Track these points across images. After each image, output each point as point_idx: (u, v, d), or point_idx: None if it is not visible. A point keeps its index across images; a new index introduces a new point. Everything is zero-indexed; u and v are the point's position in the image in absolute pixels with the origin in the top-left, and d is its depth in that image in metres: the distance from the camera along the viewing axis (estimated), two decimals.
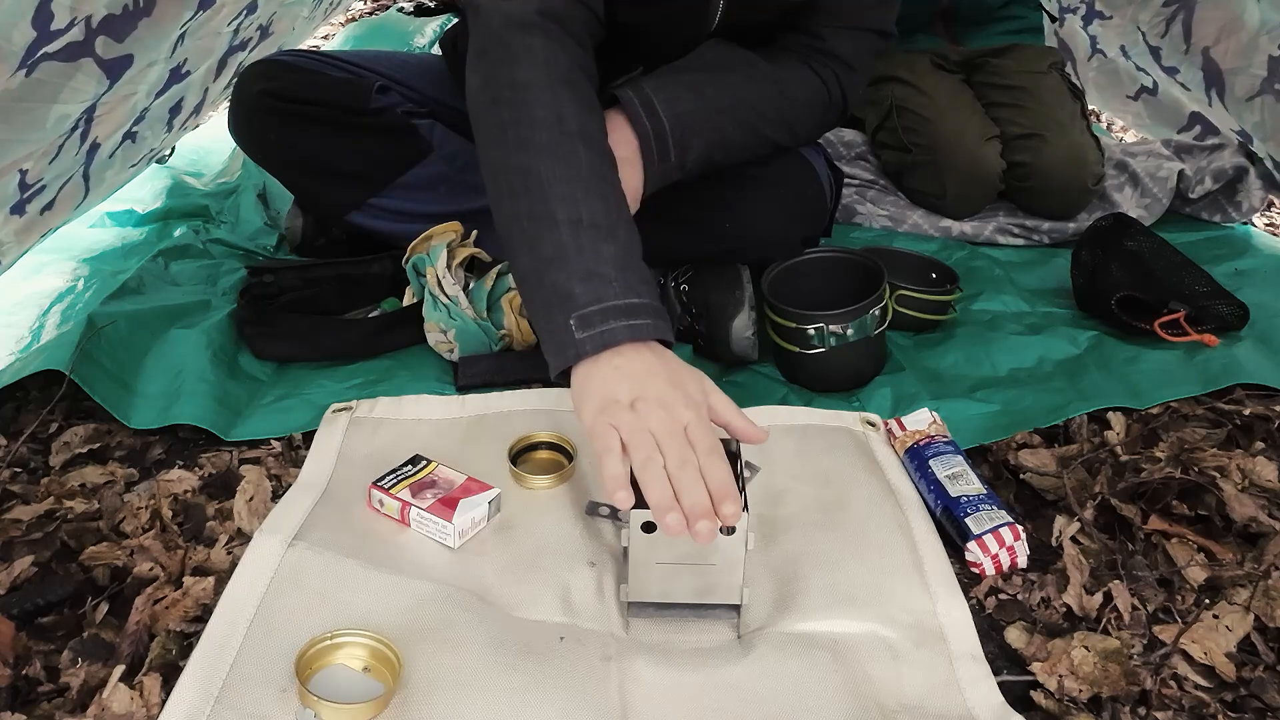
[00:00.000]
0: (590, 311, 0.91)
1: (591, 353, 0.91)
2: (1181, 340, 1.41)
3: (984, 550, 0.99)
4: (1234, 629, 0.93)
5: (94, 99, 1.19)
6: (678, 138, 1.19)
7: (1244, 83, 1.77)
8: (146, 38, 1.21)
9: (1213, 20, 1.81)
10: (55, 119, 1.14)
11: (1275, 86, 1.70)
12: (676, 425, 0.86)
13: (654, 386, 0.89)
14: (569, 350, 0.92)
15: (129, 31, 1.17)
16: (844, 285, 1.33)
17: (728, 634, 0.90)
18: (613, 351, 0.91)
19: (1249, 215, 1.87)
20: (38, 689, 0.84)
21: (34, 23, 1.01)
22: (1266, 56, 1.70)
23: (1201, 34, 1.84)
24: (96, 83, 1.17)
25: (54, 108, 1.14)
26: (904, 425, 1.16)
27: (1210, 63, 1.83)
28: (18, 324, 1.37)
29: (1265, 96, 1.73)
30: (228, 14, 1.48)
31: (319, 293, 1.41)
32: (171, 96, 1.51)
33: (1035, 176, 1.80)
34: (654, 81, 1.20)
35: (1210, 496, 1.08)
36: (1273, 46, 1.68)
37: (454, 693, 0.81)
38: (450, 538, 0.98)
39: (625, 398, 0.88)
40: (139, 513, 1.04)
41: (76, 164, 1.33)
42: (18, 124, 1.10)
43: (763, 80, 1.28)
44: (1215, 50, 1.81)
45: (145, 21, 1.18)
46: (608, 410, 0.88)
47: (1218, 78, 1.83)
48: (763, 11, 1.27)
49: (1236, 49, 1.77)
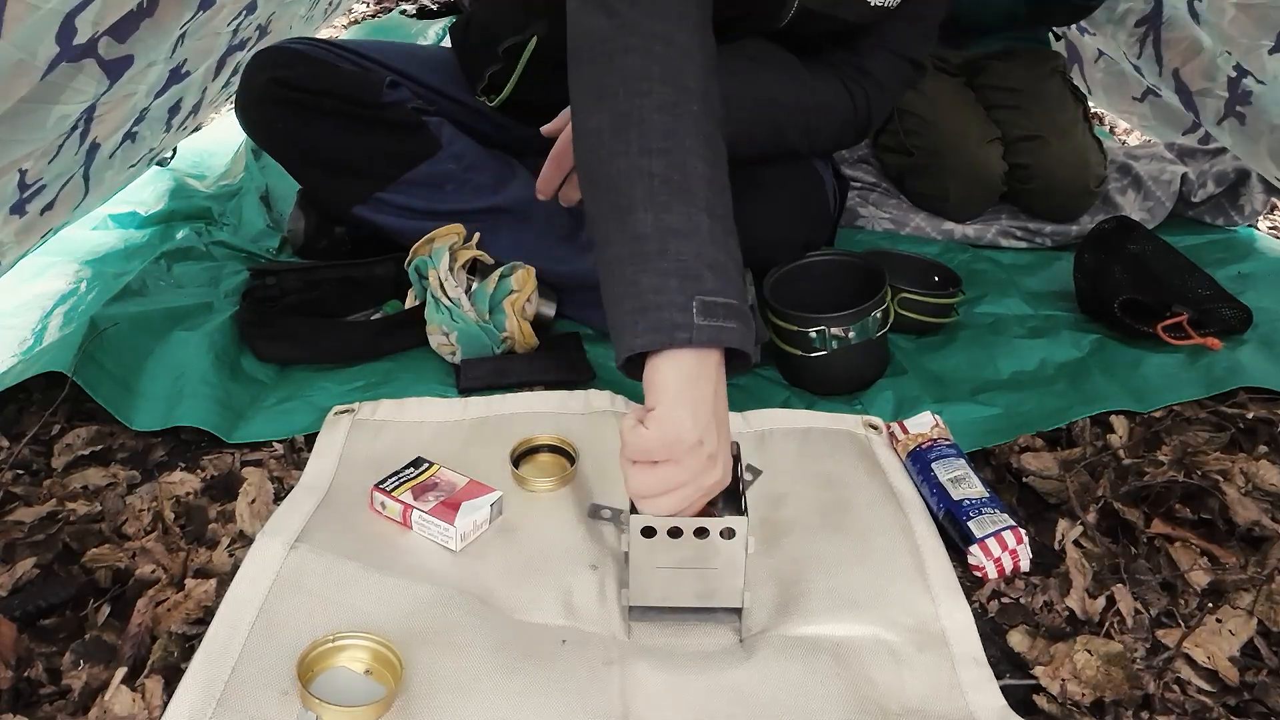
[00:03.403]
0: (715, 302, 0.84)
1: (700, 344, 0.84)
2: (1184, 343, 1.40)
3: (986, 554, 0.99)
4: (1237, 633, 0.93)
5: (94, 99, 1.20)
6: None
7: (1212, 105, 1.77)
8: (148, 38, 1.21)
9: (1177, 41, 1.81)
10: (55, 119, 1.15)
11: (1237, 109, 1.70)
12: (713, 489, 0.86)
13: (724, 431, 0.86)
14: (679, 332, 0.83)
15: (131, 32, 1.17)
16: (846, 288, 1.33)
17: (729, 638, 0.90)
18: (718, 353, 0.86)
19: (1251, 218, 1.87)
20: (39, 691, 0.84)
21: (58, 38, 1.02)
22: (1226, 78, 1.70)
23: (1170, 55, 1.84)
24: (97, 83, 1.17)
25: (55, 108, 1.14)
26: (906, 428, 1.15)
27: (1182, 84, 1.83)
28: (20, 326, 1.37)
29: (1231, 119, 1.73)
30: (228, 14, 1.48)
31: (321, 295, 1.41)
32: (171, 97, 1.51)
33: (1037, 178, 1.80)
34: None
35: (1213, 500, 1.08)
36: (1228, 68, 1.68)
37: (455, 695, 0.81)
38: (452, 540, 0.98)
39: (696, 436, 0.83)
40: (141, 515, 1.04)
41: (76, 164, 1.33)
42: (19, 124, 1.11)
43: (797, 85, 1.28)
44: (1184, 72, 1.82)
45: (147, 22, 1.19)
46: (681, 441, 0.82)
47: (1190, 99, 1.83)
48: (828, 23, 1.28)
49: (1200, 70, 1.77)
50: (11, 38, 0.96)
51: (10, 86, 1.02)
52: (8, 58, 0.98)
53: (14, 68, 1.00)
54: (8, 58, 0.98)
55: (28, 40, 0.99)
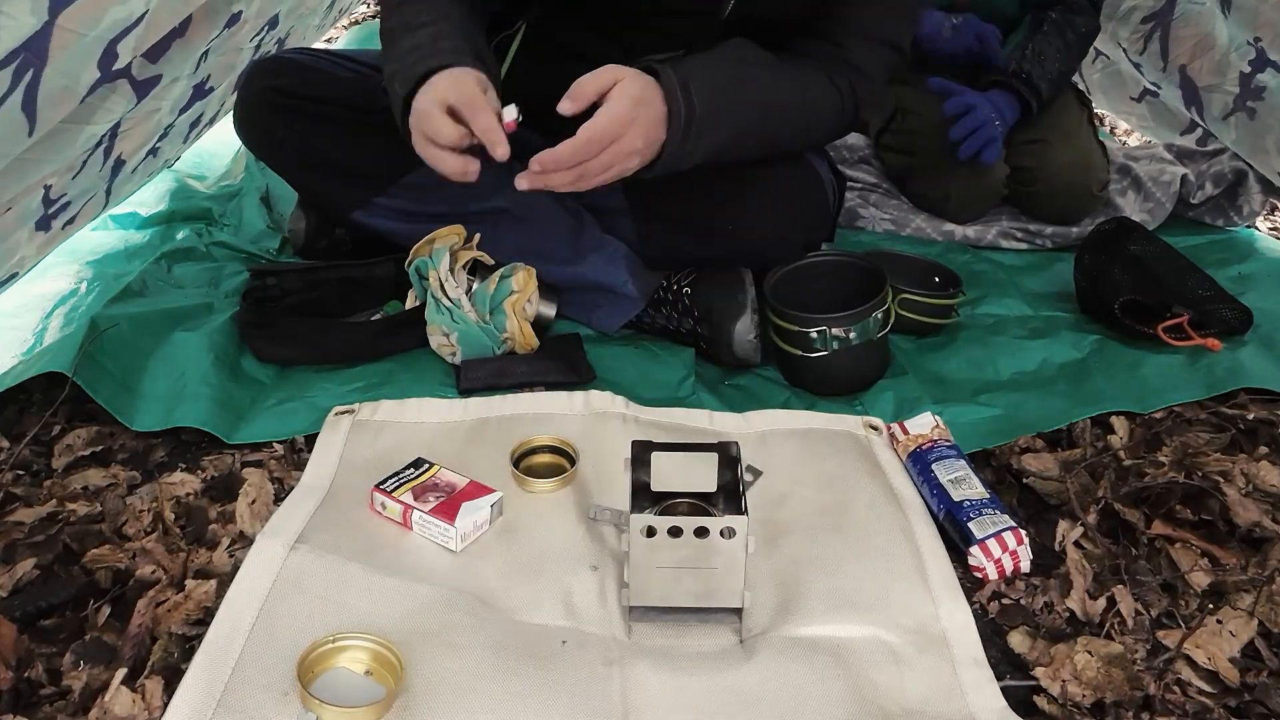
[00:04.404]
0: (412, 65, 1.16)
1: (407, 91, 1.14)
2: (1185, 344, 1.40)
3: (987, 555, 0.99)
4: (1238, 634, 0.93)
5: (121, 116, 1.20)
6: (699, 126, 1.18)
7: (1219, 100, 1.78)
8: (176, 56, 1.22)
9: (1187, 38, 1.82)
10: (85, 138, 1.15)
11: (1247, 104, 1.70)
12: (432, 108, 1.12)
13: None
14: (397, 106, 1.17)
15: (162, 52, 1.18)
16: (846, 288, 1.33)
17: (730, 638, 0.90)
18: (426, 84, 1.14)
19: (1250, 219, 1.87)
20: (40, 691, 0.84)
21: (99, 64, 1.02)
22: (1238, 73, 1.70)
23: (1178, 51, 1.85)
24: (126, 101, 1.18)
25: (86, 128, 1.15)
26: (907, 429, 1.15)
27: (1188, 80, 1.84)
28: (21, 326, 1.37)
29: (1239, 114, 1.73)
30: (250, 29, 1.49)
31: (322, 295, 1.41)
32: (193, 112, 1.52)
33: (1041, 181, 1.80)
34: (694, 66, 1.20)
35: (1214, 501, 1.08)
36: (1242, 63, 1.69)
37: (455, 696, 0.81)
38: (452, 541, 0.98)
39: None
40: (141, 515, 1.04)
41: (101, 180, 1.33)
42: (51, 144, 1.11)
43: (789, 84, 1.28)
44: (1191, 68, 1.82)
45: (178, 42, 1.19)
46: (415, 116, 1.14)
47: (1195, 95, 1.84)
48: (775, 7, 1.27)
49: (1210, 66, 1.77)
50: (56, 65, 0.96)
51: (54, 112, 1.03)
52: (53, 85, 0.99)
53: (59, 94, 1.01)
54: (53, 85, 0.99)
55: (71, 67, 1.00)
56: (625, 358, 1.35)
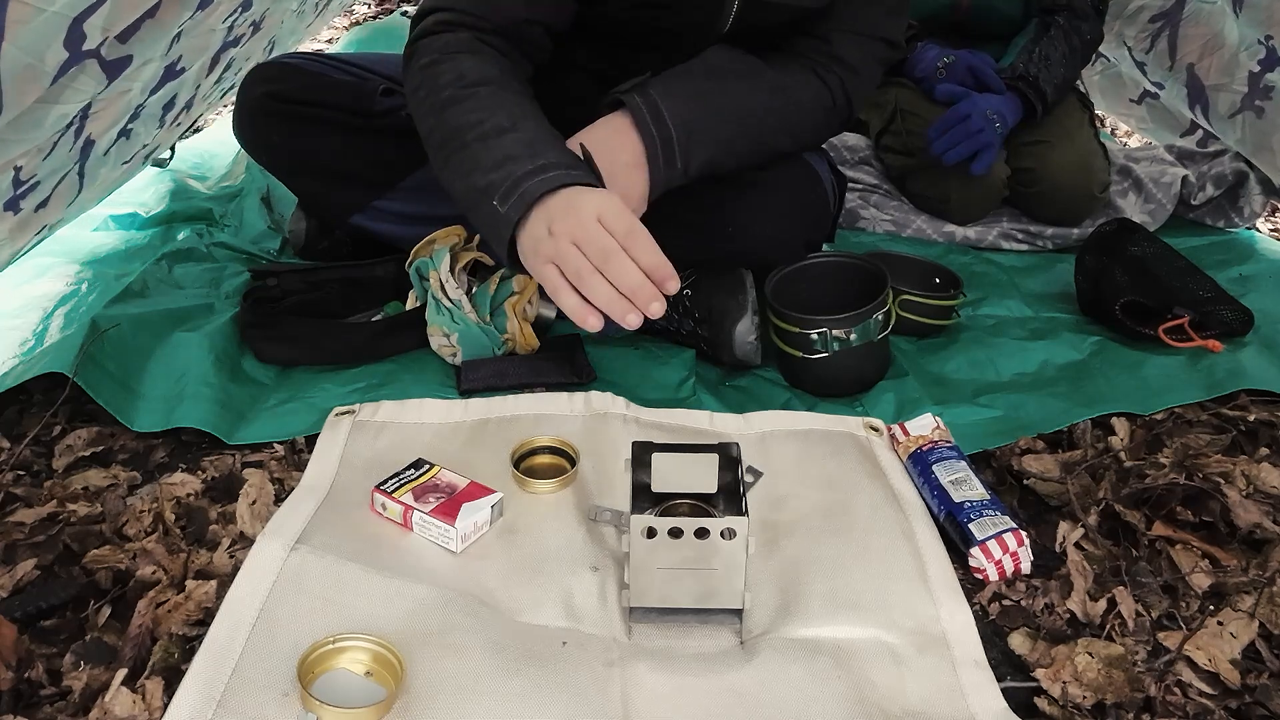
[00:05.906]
0: (506, 188, 0.99)
1: (518, 218, 0.97)
2: (1186, 346, 1.40)
3: (987, 556, 0.99)
4: (1238, 635, 0.93)
5: (91, 97, 1.20)
6: (684, 145, 1.19)
7: (1226, 99, 1.78)
8: (147, 37, 1.21)
9: (1196, 37, 1.82)
10: (54, 118, 1.15)
11: (1255, 103, 1.71)
12: (588, 222, 0.92)
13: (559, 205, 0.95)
14: (503, 230, 0.98)
15: (133, 33, 1.17)
16: (847, 290, 1.33)
17: (730, 639, 0.90)
18: (538, 208, 0.97)
19: (1251, 220, 1.87)
20: (40, 692, 0.84)
21: (66, 43, 1.02)
22: (1247, 73, 1.71)
23: (1186, 50, 1.85)
24: (96, 82, 1.17)
25: (55, 108, 1.14)
26: (907, 430, 1.15)
27: (1194, 79, 1.84)
28: (21, 327, 1.37)
29: (1246, 113, 1.74)
30: (223, 11, 1.48)
31: (322, 296, 1.41)
32: (166, 93, 1.51)
33: (1042, 183, 1.80)
34: (660, 87, 1.20)
35: (1215, 502, 1.08)
36: (1252, 63, 1.69)
37: (456, 697, 0.81)
38: (453, 542, 0.98)
39: (544, 231, 0.95)
40: (141, 516, 1.04)
41: (71, 160, 1.32)
42: (20, 124, 1.10)
43: (768, 88, 1.27)
44: (1199, 67, 1.82)
45: (149, 22, 1.19)
46: (536, 251, 0.96)
47: (1201, 94, 1.84)
48: (777, 14, 1.27)
49: (1219, 66, 1.78)
50: (16, 41, 0.95)
51: (21, 92, 1.02)
52: (15, 62, 0.97)
53: (24, 72, 1.00)
54: (15, 62, 0.97)
55: (34, 44, 0.98)
56: (626, 359, 1.36)
